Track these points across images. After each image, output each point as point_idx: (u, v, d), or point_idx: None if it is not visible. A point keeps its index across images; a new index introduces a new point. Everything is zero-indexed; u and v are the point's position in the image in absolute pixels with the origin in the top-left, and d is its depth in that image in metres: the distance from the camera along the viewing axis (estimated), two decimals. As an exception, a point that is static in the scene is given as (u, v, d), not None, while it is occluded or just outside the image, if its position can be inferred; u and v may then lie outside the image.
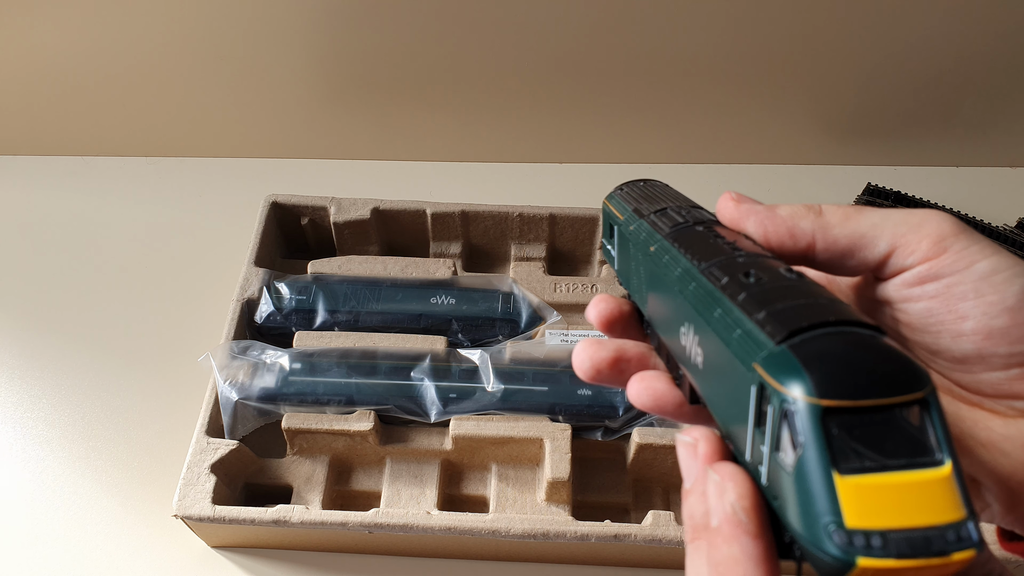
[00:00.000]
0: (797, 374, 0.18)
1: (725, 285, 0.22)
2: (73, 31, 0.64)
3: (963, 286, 0.22)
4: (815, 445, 0.17)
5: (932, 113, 0.69)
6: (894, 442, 0.17)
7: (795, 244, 0.24)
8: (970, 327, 0.22)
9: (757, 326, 0.20)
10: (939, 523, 0.16)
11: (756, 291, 0.21)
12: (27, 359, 0.60)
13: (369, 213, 0.59)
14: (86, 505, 0.52)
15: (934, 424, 0.18)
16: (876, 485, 0.17)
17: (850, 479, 0.17)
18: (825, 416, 0.17)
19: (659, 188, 0.31)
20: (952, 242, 0.22)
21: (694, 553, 0.20)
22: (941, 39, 0.63)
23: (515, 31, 0.63)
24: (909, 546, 0.16)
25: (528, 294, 0.56)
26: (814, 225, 0.24)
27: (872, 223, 0.23)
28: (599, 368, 0.27)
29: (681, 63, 0.65)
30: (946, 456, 0.17)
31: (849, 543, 0.16)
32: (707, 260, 0.23)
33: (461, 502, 0.52)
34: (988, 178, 0.73)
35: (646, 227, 0.28)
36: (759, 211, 0.25)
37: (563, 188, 0.72)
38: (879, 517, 0.16)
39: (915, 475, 0.17)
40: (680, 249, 0.25)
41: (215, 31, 0.64)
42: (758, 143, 0.73)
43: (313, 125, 0.72)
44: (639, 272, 0.28)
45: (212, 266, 0.65)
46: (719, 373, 0.21)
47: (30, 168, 0.73)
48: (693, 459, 0.21)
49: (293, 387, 0.50)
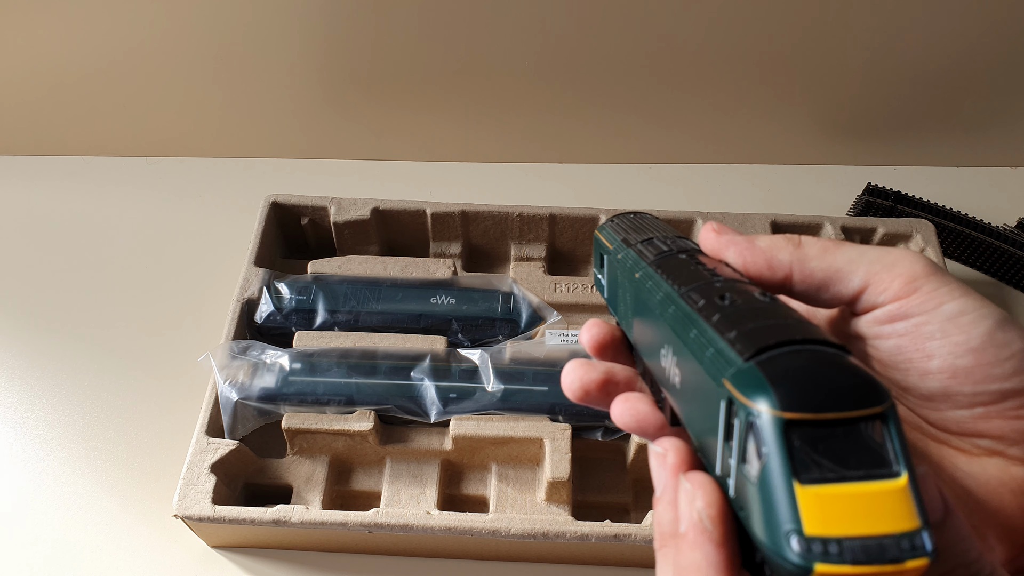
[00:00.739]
0: (762, 388, 0.19)
1: (701, 307, 0.23)
2: (73, 31, 0.64)
3: (931, 326, 0.23)
4: (777, 456, 0.18)
5: (932, 113, 0.69)
6: (853, 454, 0.18)
7: (773, 275, 0.25)
8: (936, 366, 0.23)
9: (728, 344, 0.20)
10: (894, 532, 0.17)
11: (729, 312, 0.22)
12: (27, 359, 0.60)
13: (369, 213, 0.59)
14: (86, 505, 0.52)
15: (892, 437, 0.18)
16: (835, 495, 0.17)
17: (810, 488, 0.17)
18: (787, 428, 0.18)
19: (648, 220, 0.33)
20: (923, 283, 0.23)
21: (662, 560, 0.21)
22: (941, 39, 0.63)
23: (515, 31, 0.63)
24: (864, 553, 0.17)
25: (528, 294, 0.56)
26: (792, 257, 0.25)
27: (848, 259, 0.24)
28: (588, 389, 0.28)
29: (681, 63, 0.65)
30: (902, 468, 0.18)
31: (808, 550, 0.17)
32: (687, 285, 0.24)
33: (461, 502, 0.52)
34: (988, 178, 0.73)
35: (632, 255, 0.29)
36: (739, 242, 0.26)
37: (563, 188, 0.72)
38: (837, 525, 0.17)
39: (872, 486, 0.18)
40: (662, 275, 0.26)
41: (215, 31, 0.64)
42: (758, 143, 0.73)
43: (313, 125, 0.72)
44: (625, 298, 0.29)
45: (212, 266, 0.65)
46: (694, 391, 0.22)
47: (30, 168, 0.73)
48: (662, 468, 0.22)
49: (293, 387, 0.50)
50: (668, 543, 0.21)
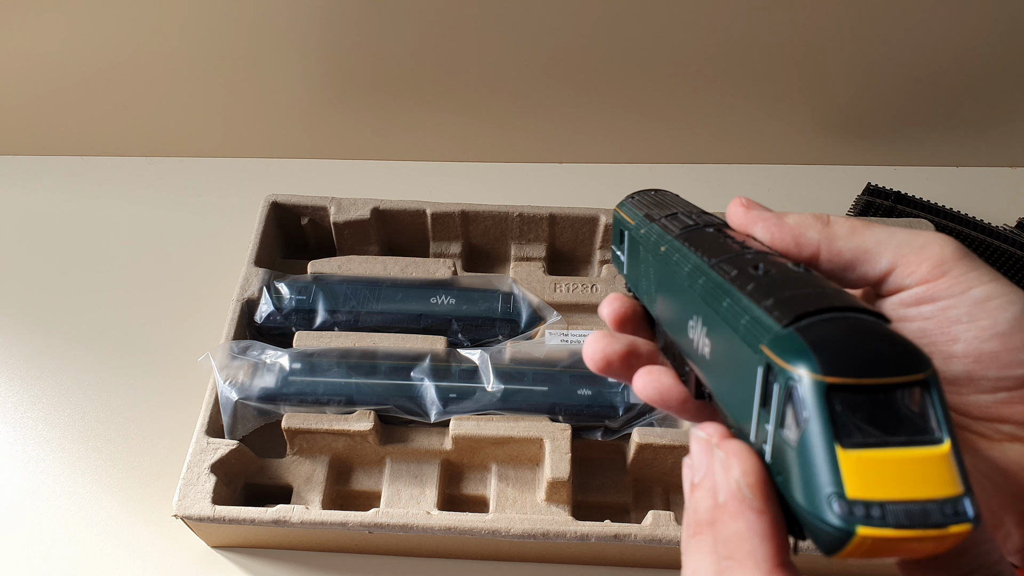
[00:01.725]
0: (803, 353, 0.18)
1: (734, 277, 0.22)
2: (73, 31, 0.64)
3: (957, 310, 0.22)
4: (819, 420, 0.18)
5: (932, 113, 0.69)
6: (895, 420, 0.18)
7: (800, 252, 0.25)
8: (961, 350, 0.23)
9: (765, 312, 0.20)
10: (937, 497, 0.17)
11: (764, 281, 0.22)
12: (27, 359, 0.60)
13: (369, 213, 0.59)
14: (86, 505, 0.52)
15: (934, 404, 0.18)
16: (877, 459, 0.17)
17: (852, 452, 0.17)
18: (829, 392, 0.18)
19: (669, 196, 0.32)
20: (951, 267, 0.23)
21: (696, 548, 0.20)
22: (941, 39, 0.63)
23: (515, 31, 0.63)
24: (907, 517, 0.17)
25: (528, 294, 0.56)
26: (820, 235, 0.25)
27: (877, 240, 0.24)
28: (610, 360, 0.28)
29: (681, 63, 0.65)
30: (945, 435, 0.18)
31: (850, 513, 0.17)
32: (717, 256, 0.24)
33: (461, 502, 0.52)
34: (988, 178, 0.73)
35: (657, 230, 0.29)
36: (767, 218, 0.26)
37: (563, 188, 0.72)
38: (879, 489, 0.17)
39: (915, 451, 0.18)
40: (690, 248, 0.26)
41: (215, 31, 0.64)
42: (758, 143, 0.73)
43: (313, 125, 0.72)
44: (648, 274, 0.29)
45: (212, 266, 0.65)
46: (726, 361, 0.22)
47: (30, 168, 0.73)
48: (705, 453, 0.21)
49: (293, 387, 0.50)
50: (703, 530, 0.20)
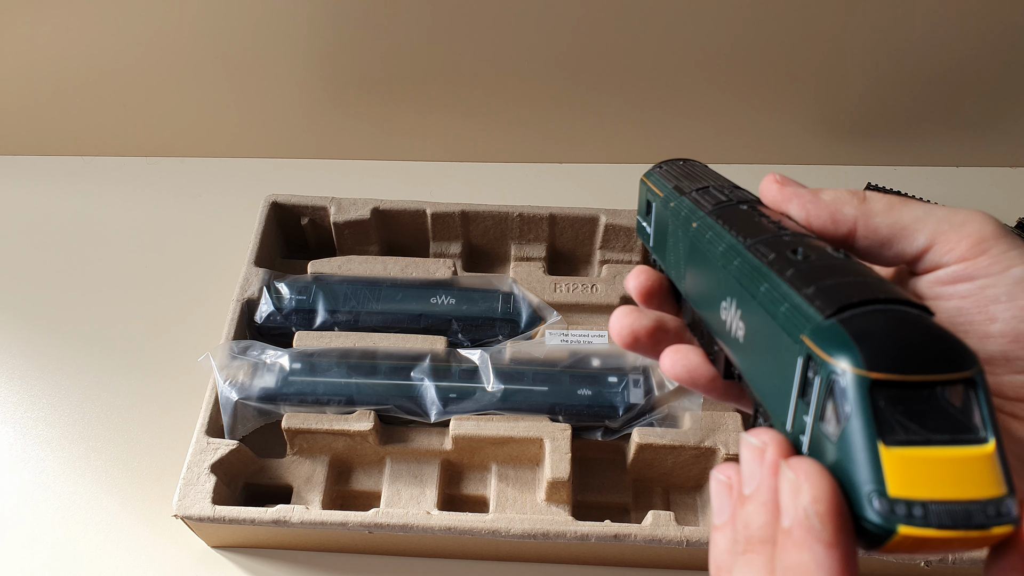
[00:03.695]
0: (846, 347, 0.18)
1: (772, 261, 0.22)
2: (73, 31, 0.64)
3: (996, 289, 0.22)
4: (862, 416, 0.17)
5: (932, 113, 0.69)
6: (939, 418, 0.18)
7: (836, 229, 0.24)
8: (998, 329, 0.22)
9: (806, 300, 0.20)
10: (980, 498, 0.17)
11: (804, 267, 0.21)
12: (27, 359, 0.60)
13: (369, 213, 0.59)
14: (86, 505, 0.52)
15: (980, 403, 0.18)
16: (920, 457, 0.17)
17: (895, 450, 0.17)
18: (873, 388, 0.17)
19: (699, 168, 0.31)
20: (991, 245, 0.22)
21: (745, 567, 0.19)
22: (941, 39, 0.63)
23: (515, 31, 0.63)
24: (950, 517, 0.16)
25: (528, 294, 0.56)
26: (857, 211, 0.24)
27: (915, 216, 0.24)
28: (638, 336, 0.27)
29: (681, 63, 0.65)
30: (990, 434, 0.18)
31: (891, 511, 0.17)
32: (753, 237, 0.24)
33: (461, 502, 0.52)
34: (988, 178, 0.73)
35: (688, 204, 0.28)
36: (803, 194, 0.25)
37: (563, 188, 0.72)
38: (921, 488, 0.17)
39: (958, 451, 0.17)
40: (724, 226, 0.25)
41: (215, 31, 0.64)
42: (758, 143, 0.73)
43: (313, 125, 0.72)
44: (677, 249, 0.28)
45: (212, 266, 0.65)
46: (762, 346, 0.22)
47: (30, 168, 0.73)
48: (758, 464, 0.20)
49: (293, 387, 0.50)
50: (757, 549, 0.19)
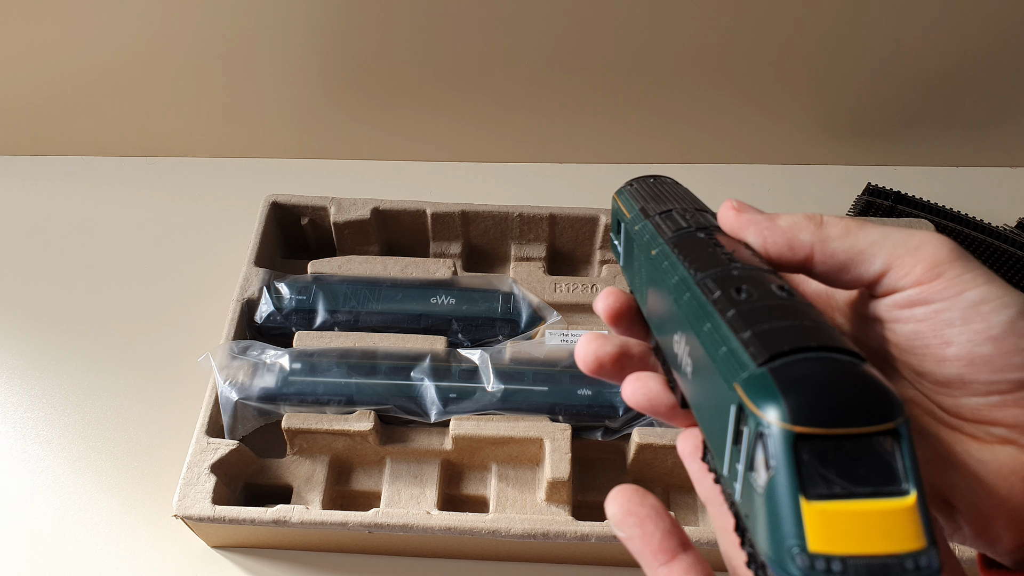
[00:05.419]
0: (773, 398, 0.18)
1: (717, 299, 0.22)
2: (73, 31, 0.64)
3: (951, 313, 0.22)
4: (785, 470, 0.18)
5: (932, 113, 0.69)
6: (863, 469, 0.18)
7: (793, 255, 0.25)
8: (954, 353, 0.22)
9: (742, 345, 0.20)
10: (900, 551, 0.17)
11: (745, 308, 0.21)
12: (27, 359, 0.60)
13: (369, 213, 0.59)
14: (86, 505, 0.52)
15: (903, 455, 0.18)
16: (841, 511, 0.17)
17: (816, 504, 0.17)
18: (797, 442, 0.18)
19: (668, 186, 0.31)
20: (946, 268, 0.22)
21: None
22: (941, 39, 0.63)
23: (515, 31, 0.63)
24: (867, 572, 0.17)
25: (528, 294, 0.56)
26: (813, 237, 0.24)
27: (871, 240, 0.24)
28: (602, 362, 0.27)
29: (681, 63, 0.65)
30: (912, 486, 0.18)
31: (811, 567, 0.17)
32: (703, 271, 0.24)
33: (461, 502, 0.52)
34: (988, 178, 0.73)
35: (650, 228, 0.28)
36: (759, 221, 0.25)
37: (563, 188, 0.72)
38: (842, 543, 0.17)
39: (880, 503, 0.17)
40: (679, 256, 0.25)
41: (215, 31, 0.64)
42: (758, 143, 0.73)
43: (313, 125, 0.72)
44: (641, 272, 0.29)
45: (212, 266, 0.65)
46: (705, 386, 0.22)
47: (30, 168, 0.73)
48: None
49: (293, 387, 0.50)
50: None
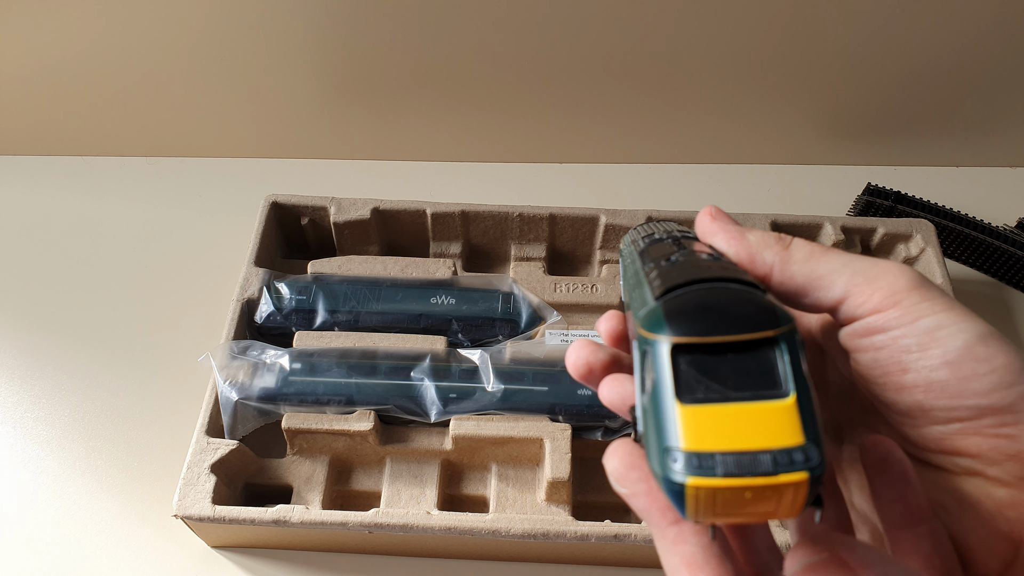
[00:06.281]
0: (659, 320, 0.19)
1: (649, 269, 0.23)
2: (73, 31, 0.64)
3: (908, 339, 0.22)
4: (663, 379, 0.18)
5: (932, 113, 0.69)
6: (741, 377, 0.18)
7: (754, 270, 0.25)
8: (911, 380, 0.22)
9: (649, 290, 0.21)
10: (773, 447, 0.17)
11: (667, 268, 0.22)
12: (27, 359, 0.60)
13: (369, 213, 0.59)
14: (86, 505, 0.52)
15: (784, 361, 0.18)
16: (716, 414, 0.18)
17: (692, 407, 0.18)
18: (675, 352, 0.18)
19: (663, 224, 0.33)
20: (903, 296, 0.23)
21: None
22: (941, 38, 0.63)
23: (515, 31, 0.63)
24: (736, 466, 0.17)
25: (528, 294, 0.56)
26: (775, 258, 0.25)
27: (831, 267, 0.24)
28: (592, 369, 0.28)
29: (681, 63, 0.65)
30: (791, 388, 0.18)
31: (685, 465, 0.17)
32: (653, 260, 0.25)
33: (461, 502, 0.52)
34: (988, 178, 0.73)
35: (630, 250, 0.29)
36: (729, 230, 0.26)
37: (563, 188, 0.72)
38: (715, 442, 0.17)
39: (756, 405, 0.18)
40: (641, 258, 0.26)
41: (215, 31, 0.64)
42: (758, 143, 0.73)
43: (313, 125, 0.72)
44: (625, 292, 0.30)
45: (212, 266, 0.65)
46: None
47: (30, 168, 0.73)
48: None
49: (293, 387, 0.50)
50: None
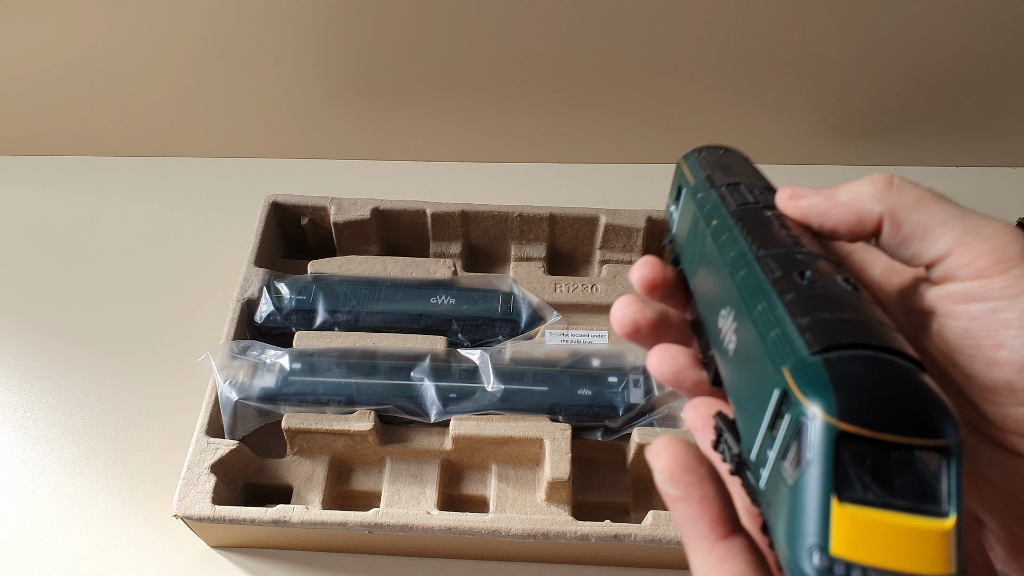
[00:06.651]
0: (822, 389, 0.17)
1: (777, 280, 0.21)
2: (73, 31, 0.64)
3: (1008, 313, 0.21)
4: (821, 465, 0.16)
5: (932, 113, 0.69)
6: (904, 483, 0.16)
7: (863, 231, 0.23)
8: (1005, 357, 0.21)
9: (797, 330, 0.19)
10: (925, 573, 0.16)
11: (806, 294, 0.20)
12: (27, 359, 0.60)
13: (369, 213, 0.59)
14: (86, 505, 0.52)
15: (950, 475, 0.17)
16: (872, 520, 0.16)
17: (848, 507, 0.16)
18: (840, 439, 0.16)
19: (738, 160, 0.30)
20: (1012, 266, 0.21)
21: None
22: (941, 38, 0.63)
23: (515, 31, 0.63)
24: None
25: (528, 294, 0.56)
26: (883, 207, 0.23)
27: (943, 218, 0.22)
28: (639, 327, 0.26)
29: (681, 63, 0.65)
30: (952, 510, 0.16)
31: (828, 570, 0.16)
32: (766, 248, 0.22)
33: (461, 502, 0.52)
34: (988, 178, 0.73)
35: (714, 198, 0.27)
36: (819, 207, 0.25)
37: (563, 188, 0.72)
38: (866, 552, 0.16)
39: (915, 520, 0.16)
40: (742, 229, 0.24)
41: (215, 31, 0.64)
42: (758, 143, 0.73)
43: (313, 125, 0.72)
44: (695, 243, 0.27)
45: (212, 266, 0.65)
46: (747, 366, 0.21)
47: (30, 168, 0.73)
48: None
49: (293, 387, 0.50)
50: None
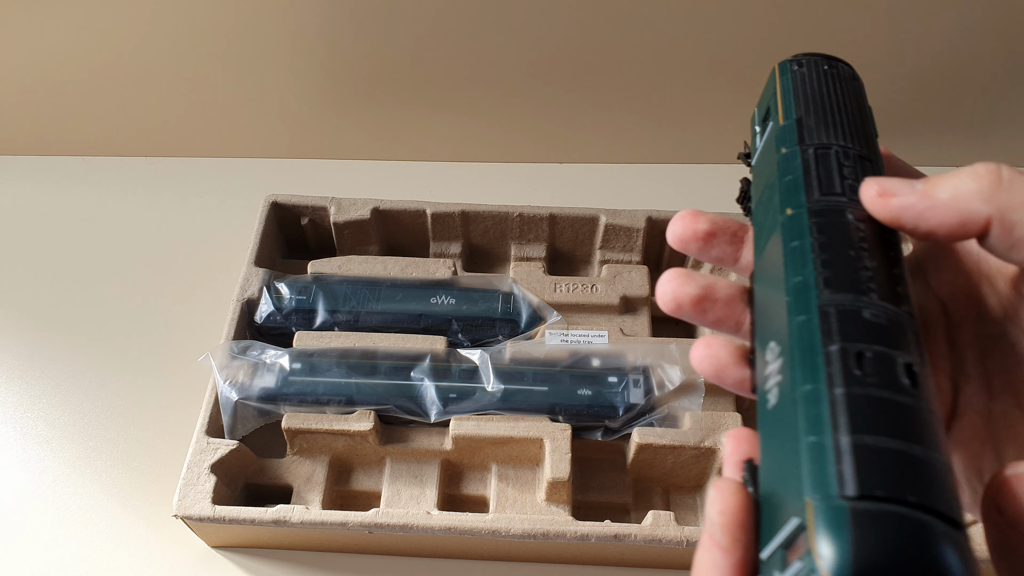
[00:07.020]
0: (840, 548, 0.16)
1: (830, 357, 0.19)
2: (73, 31, 0.64)
3: None
4: None
5: (932, 113, 0.69)
6: None
7: (966, 233, 0.21)
8: None
9: (834, 455, 0.17)
10: None
11: (856, 395, 0.18)
12: (27, 359, 0.60)
13: (369, 213, 0.59)
14: (86, 505, 0.52)
15: None
16: None
17: None
18: None
19: (842, 88, 0.25)
20: None
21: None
22: (941, 38, 0.63)
23: (515, 31, 0.63)
24: None
25: (528, 294, 0.56)
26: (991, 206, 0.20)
27: None
28: (680, 303, 0.25)
29: (681, 63, 0.65)
30: None
31: None
32: (832, 290, 0.20)
33: (461, 502, 0.52)
34: (988, 178, 0.72)
35: (798, 168, 0.23)
36: (915, 208, 0.21)
37: (563, 188, 0.72)
38: None
39: None
40: (814, 245, 0.21)
41: (215, 31, 0.64)
42: (758, 143, 0.73)
43: (313, 125, 0.72)
44: (767, 210, 0.24)
45: (212, 266, 0.65)
46: (778, 442, 0.19)
47: (30, 168, 0.73)
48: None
49: (293, 387, 0.50)
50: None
